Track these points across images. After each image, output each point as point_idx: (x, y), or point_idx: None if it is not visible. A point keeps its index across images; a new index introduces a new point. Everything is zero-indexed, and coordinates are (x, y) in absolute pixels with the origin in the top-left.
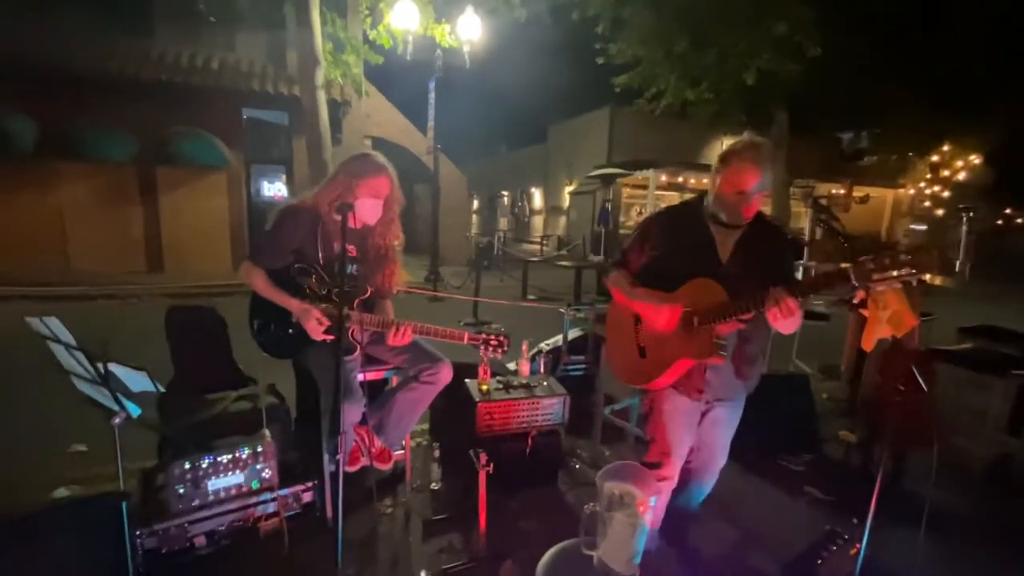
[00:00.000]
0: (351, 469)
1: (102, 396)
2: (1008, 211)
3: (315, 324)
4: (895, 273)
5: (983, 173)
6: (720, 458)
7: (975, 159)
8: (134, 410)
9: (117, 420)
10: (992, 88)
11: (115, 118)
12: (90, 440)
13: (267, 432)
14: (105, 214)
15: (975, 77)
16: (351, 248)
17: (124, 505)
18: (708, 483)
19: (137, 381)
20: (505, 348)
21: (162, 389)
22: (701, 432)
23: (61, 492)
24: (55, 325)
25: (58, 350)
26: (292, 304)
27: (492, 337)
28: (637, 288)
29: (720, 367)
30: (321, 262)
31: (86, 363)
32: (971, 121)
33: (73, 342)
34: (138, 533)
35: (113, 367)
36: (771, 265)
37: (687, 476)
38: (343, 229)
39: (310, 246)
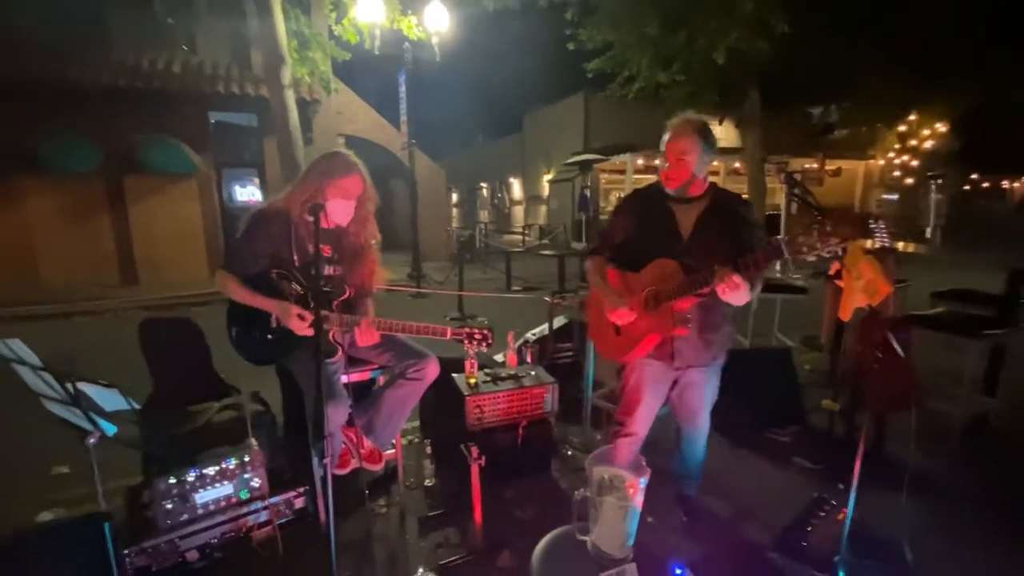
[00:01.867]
0: (342, 472)
1: (74, 416)
2: (974, 176)
3: (297, 320)
4: (820, 245)
5: (949, 140)
6: (700, 416)
7: (941, 127)
8: (109, 429)
9: (91, 440)
10: (956, 56)
11: (77, 128)
12: (72, 461)
13: (253, 440)
14: (74, 228)
15: (939, 46)
16: (326, 249)
17: (107, 526)
18: (696, 439)
19: (109, 399)
20: (489, 341)
21: (136, 406)
22: (678, 396)
23: (45, 516)
24: (18, 347)
25: (24, 372)
26: (270, 305)
27: (476, 331)
28: (604, 283)
29: (687, 336)
30: (297, 265)
31: (54, 384)
32: (937, 90)
33: (39, 363)
34: (127, 552)
35: (83, 386)
36: (731, 238)
37: (678, 436)
38: (315, 230)
39: (284, 250)
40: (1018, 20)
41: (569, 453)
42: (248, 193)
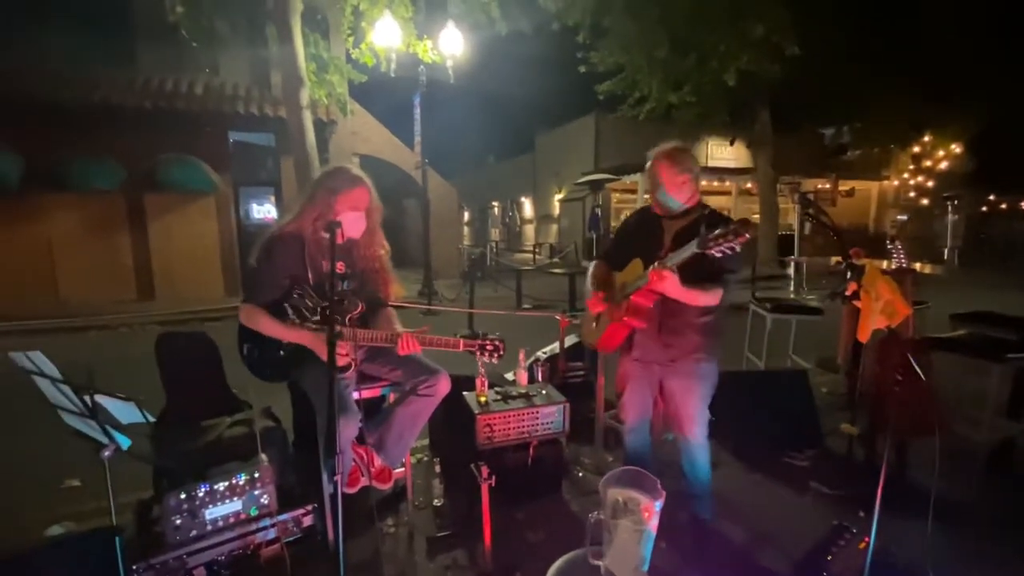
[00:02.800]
0: (351, 490)
1: (90, 429)
2: (991, 197)
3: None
4: (722, 240)
5: (965, 161)
6: (687, 425)
7: (956, 148)
8: (124, 442)
9: (107, 453)
10: (970, 77)
11: (101, 148)
12: (83, 475)
13: (264, 457)
14: (94, 244)
15: (953, 67)
16: (339, 265)
17: (118, 541)
18: (690, 451)
19: (126, 412)
20: (501, 352)
21: (152, 419)
22: (665, 403)
23: (55, 529)
24: (39, 359)
25: (43, 384)
26: (305, 338)
27: (488, 342)
28: (592, 279)
29: (647, 332)
30: (312, 283)
31: (72, 396)
32: (951, 111)
33: (58, 375)
34: (135, 567)
35: (100, 399)
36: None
37: (678, 443)
38: (331, 247)
39: (300, 270)
40: None
41: (580, 475)
42: (264, 211)
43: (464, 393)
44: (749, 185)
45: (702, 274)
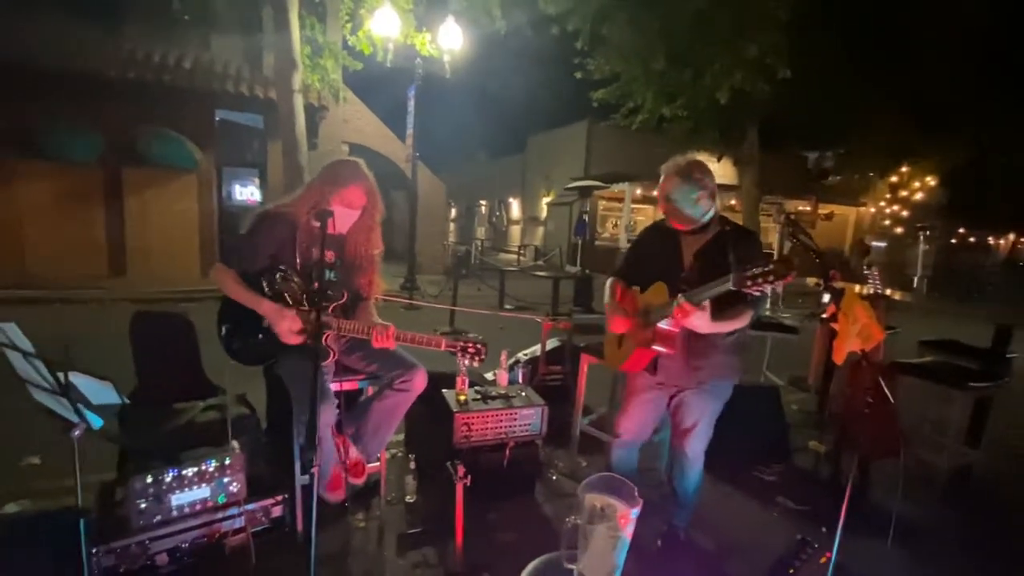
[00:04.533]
0: (334, 497)
1: (61, 407)
2: (961, 230)
3: (287, 327)
4: (762, 281)
5: (938, 194)
6: (688, 439)
7: (931, 180)
8: (96, 421)
9: (76, 432)
10: (950, 110)
11: (81, 117)
12: (44, 452)
13: (235, 444)
14: (66, 215)
15: (935, 102)
16: (329, 254)
17: (83, 523)
18: (684, 464)
19: (99, 392)
20: (483, 356)
21: (127, 401)
22: (672, 415)
23: (12, 507)
24: (12, 331)
25: (15, 357)
26: (265, 306)
27: (470, 344)
28: (612, 298)
29: (673, 357)
30: (298, 267)
31: (45, 372)
32: (929, 143)
33: (31, 349)
34: (95, 551)
35: (74, 377)
36: (725, 271)
37: (674, 453)
38: (322, 236)
39: (287, 252)
40: (1011, 78)
41: (554, 478)
42: (248, 193)
43: (443, 391)
44: (733, 202)
45: (730, 297)
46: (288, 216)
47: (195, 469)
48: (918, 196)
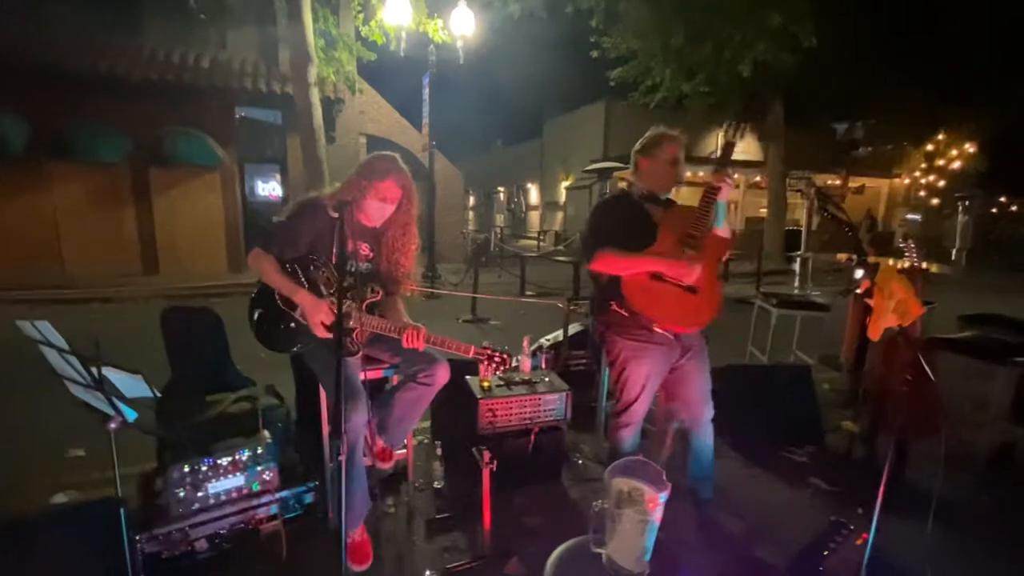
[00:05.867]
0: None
1: (97, 400)
2: (1003, 199)
3: (320, 319)
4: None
5: (978, 161)
6: (701, 402)
7: (970, 147)
8: (130, 414)
9: (113, 425)
10: (987, 77)
11: (107, 118)
12: (88, 444)
13: (267, 433)
14: (98, 216)
15: (970, 66)
16: (365, 247)
17: (123, 511)
18: (705, 432)
19: (132, 386)
20: (507, 366)
21: (158, 394)
22: (676, 389)
23: (59, 497)
24: (46, 329)
25: (50, 354)
26: (301, 295)
27: (496, 354)
28: (643, 256)
29: (688, 306)
30: (335, 260)
31: (79, 367)
32: (966, 110)
33: (65, 346)
34: (138, 538)
35: (108, 371)
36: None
37: (687, 440)
38: (340, 226)
39: (325, 242)
40: None
41: (580, 463)
42: (270, 188)
43: (467, 377)
44: (758, 179)
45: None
46: (328, 207)
47: (229, 458)
48: (955, 165)
